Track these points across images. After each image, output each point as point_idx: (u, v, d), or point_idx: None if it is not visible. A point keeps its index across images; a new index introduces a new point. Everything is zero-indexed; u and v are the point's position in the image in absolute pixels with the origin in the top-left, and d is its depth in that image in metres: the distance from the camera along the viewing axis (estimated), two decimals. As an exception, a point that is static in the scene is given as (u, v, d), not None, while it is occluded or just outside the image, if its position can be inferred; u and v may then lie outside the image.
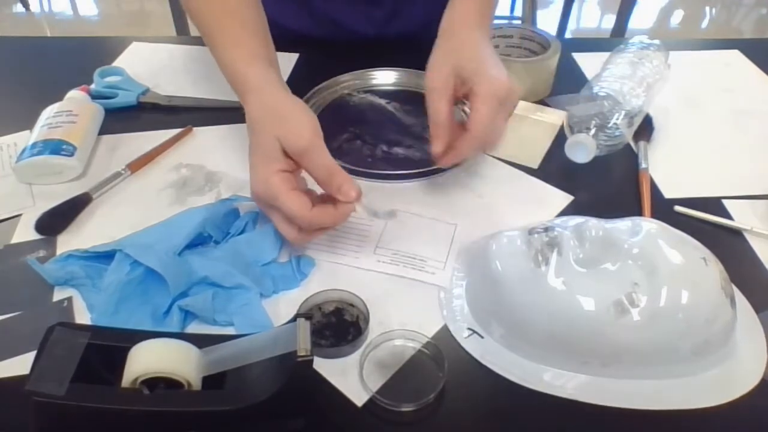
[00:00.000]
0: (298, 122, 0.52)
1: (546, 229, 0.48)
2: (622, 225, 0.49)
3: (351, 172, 0.66)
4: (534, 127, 0.76)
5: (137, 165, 0.67)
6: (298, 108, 0.54)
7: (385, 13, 0.91)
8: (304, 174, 0.54)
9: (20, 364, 0.47)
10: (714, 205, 0.64)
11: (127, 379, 0.38)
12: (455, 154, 0.58)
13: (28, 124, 0.70)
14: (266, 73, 0.57)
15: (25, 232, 0.59)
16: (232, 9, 0.61)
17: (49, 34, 2.88)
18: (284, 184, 0.50)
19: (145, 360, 0.38)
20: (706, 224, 0.62)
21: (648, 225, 0.48)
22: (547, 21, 2.81)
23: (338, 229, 0.58)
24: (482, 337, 0.50)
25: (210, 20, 0.61)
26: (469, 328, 0.51)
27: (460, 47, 0.60)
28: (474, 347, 0.50)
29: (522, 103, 0.79)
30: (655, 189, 0.66)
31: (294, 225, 0.52)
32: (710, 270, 0.47)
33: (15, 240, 0.59)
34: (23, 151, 0.64)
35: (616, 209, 0.61)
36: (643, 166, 0.68)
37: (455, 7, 0.65)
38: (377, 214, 0.53)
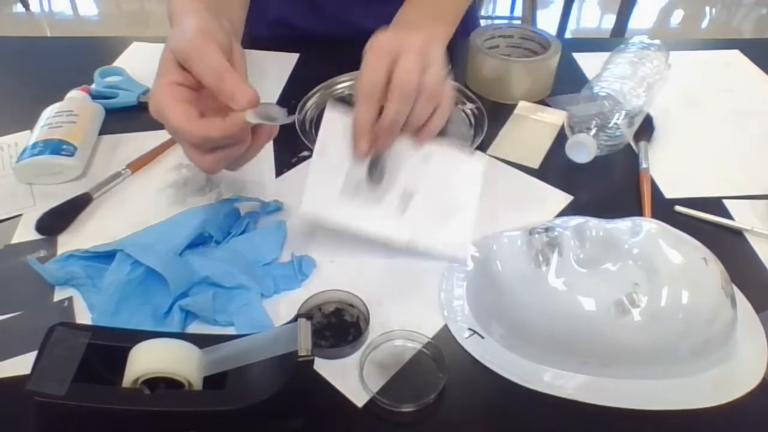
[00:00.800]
0: (189, 26, 0.47)
1: (546, 230, 0.48)
2: (623, 225, 0.49)
3: (351, 172, 0.66)
4: (534, 127, 0.76)
5: (137, 165, 0.67)
6: (200, 20, 0.48)
7: (396, 10, 0.91)
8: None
9: (20, 364, 0.47)
10: (714, 205, 0.64)
11: (127, 379, 0.38)
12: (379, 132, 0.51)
13: (29, 124, 0.70)
14: (195, 8, 0.52)
15: (25, 232, 0.59)
16: None
17: (49, 34, 2.88)
18: (170, 97, 0.45)
19: (146, 360, 0.38)
20: (706, 224, 0.62)
21: (648, 225, 0.48)
22: (547, 21, 2.81)
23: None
24: (482, 338, 0.50)
25: None
26: (470, 329, 0.51)
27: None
28: (474, 347, 0.50)
29: (522, 103, 0.79)
30: (655, 189, 0.66)
31: (198, 148, 0.47)
32: (710, 270, 0.47)
33: (15, 240, 0.59)
34: (24, 151, 0.64)
35: (617, 209, 0.61)
36: (644, 166, 0.68)
37: (403, 7, 0.61)
38: (275, 120, 0.47)
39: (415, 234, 0.55)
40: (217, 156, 0.47)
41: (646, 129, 0.73)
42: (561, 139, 0.71)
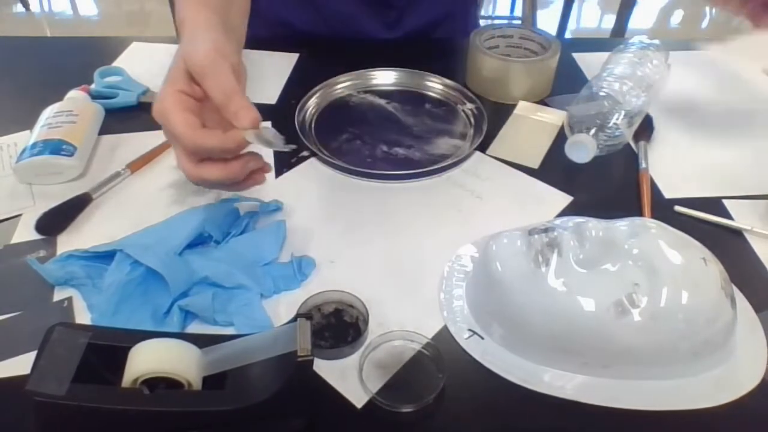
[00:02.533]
0: (205, 42, 0.49)
1: (546, 230, 0.48)
2: (622, 225, 0.49)
3: (351, 172, 0.67)
4: (534, 127, 0.76)
5: (137, 165, 0.67)
6: (214, 35, 0.50)
7: (397, 12, 0.91)
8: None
9: (20, 364, 0.47)
10: (714, 205, 0.64)
11: (127, 379, 0.38)
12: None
13: (28, 124, 0.70)
14: (205, 16, 0.53)
15: (25, 232, 0.59)
16: None
17: (49, 34, 2.88)
18: (177, 104, 0.47)
19: (146, 360, 0.38)
20: (706, 224, 0.62)
21: (648, 225, 0.48)
22: (547, 21, 2.81)
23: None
24: (482, 338, 0.50)
25: None
26: (470, 329, 0.51)
27: None
28: (474, 348, 0.50)
29: (522, 103, 0.79)
30: (655, 189, 0.66)
31: (190, 155, 0.48)
32: (710, 270, 0.47)
33: (15, 240, 0.59)
34: (23, 151, 0.64)
35: (616, 209, 0.61)
36: (643, 166, 0.68)
37: None
38: (272, 144, 0.48)
39: None
40: (207, 168, 0.49)
41: (645, 129, 0.73)
42: (561, 139, 0.71)
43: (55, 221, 0.60)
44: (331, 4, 0.89)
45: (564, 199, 0.65)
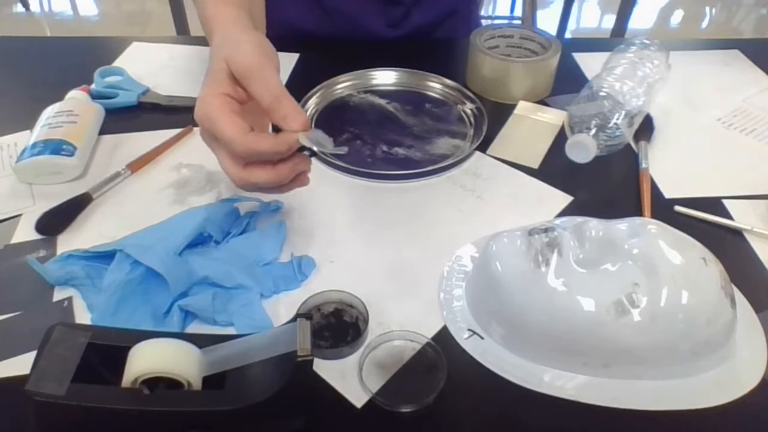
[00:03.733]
0: (249, 44, 0.48)
1: (546, 230, 0.48)
2: (622, 225, 0.49)
3: (351, 172, 0.67)
4: (534, 127, 0.76)
5: (137, 165, 0.67)
6: (254, 35, 0.50)
7: (404, 9, 0.91)
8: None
9: (20, 364, 0.47)
10: (714, 205, 0.64)
11: (127, 379, 0.38)
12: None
13: (29, 124, 0.70)
14: (233, 12, 0.54)
15: (25, 232, 0.59)
16: None
17: (49, 34, 2.88)
18: (223, 106, 0.47)
19: (146, 360, 0.38)
20: (706, 224, 0.62)
21: (648, 225, 0.48)
22: (547, 21, 2.81)
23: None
24: (482, 338, 0.50)
25: None
26: (469, 329, 0.51)
27: None
28: (474, 348, 0.50)
29: (522, 103, 0.79)
30: (655, 189, 0.66)
31: (235, 157, 0.48)
32: (710, 270, 0.47)
33: (15, 240, 0.59)
34: (23, 151, 0.64)
35: (616, 209, 0.61)
36: (644, 166, 0.68)
37: None
38: (324, 147, 0.48)
39: None
40: (255, 172, 0.48)
41: (646, 129, 0.73)
42: (561, 139, 0.71)
43: (55, 221, 0.60)
44: (336, 2, 0.89)
45: (564, 199, 0.65)
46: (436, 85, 0.81)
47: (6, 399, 0.45)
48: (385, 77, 0.82)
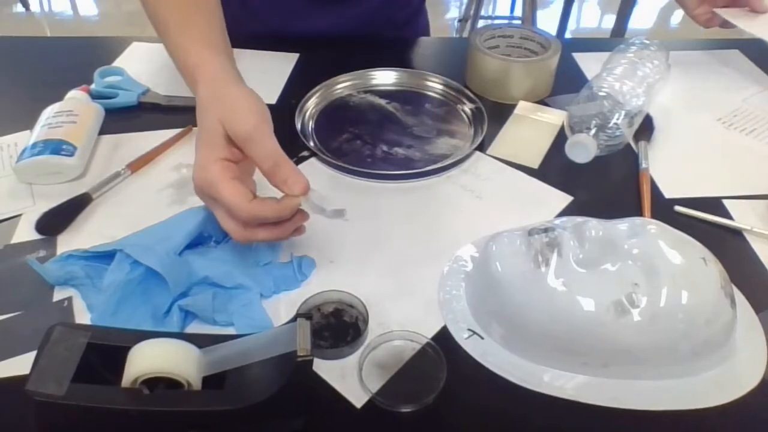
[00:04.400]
0: (245, 107, 0.49)
1: (546, 230, 0.48)
2: (622, 225, 0.49)
3: (351, 172, 0.67)
4: (534, 127, 0.76)
5: (137, 165, 0.67)
6: (247, 94, 0.51)
7: (400, 10, 0.91)
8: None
9: (20, 364, 0.47)
10: (714, 205, 0.64)
11: (127, 379, 0.38)
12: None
13: (29, 124, 0.70)
14: (220, 61, 0.54)
15: (25, 232, 0.59)
16: None
17: (49, 34, 2.89)
18: (224, 173, 0.47)
19: (145, 360, 0.38)
20: (706, 224, 0.62)
21: (648, 225, 0.48)
22: (547, 21, 2.81)
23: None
24: (482, 338, 0.50)
25: (164, 7, 0.58)
26: (469, 329, 0.51)
27: None
28: (474, 348, 0.50)
29: (522, 103, 0.79)
30: (655, 189, 0.66)
31: (237, 219, 0.48)
32: (710, 270, 0.46)
33: (15, 240, 0.59)
34: (24, 151, 0.64)
35: (616, 209, 0.61)
36: (644, 166, 0.68)
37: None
38: (324, 212, 0.50)
39: None
40: (259, 232, 0.49)
41: (646, 129, 0.73)
42: (561, 139, 0.71)
43: (55, 221, 0.60)
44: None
45: (564, 199, 0.65)
46: (436, 85, 0.81)
47: (6, 399, 0.45)
48: (385, 77, 0.82)
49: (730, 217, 0.62)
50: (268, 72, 0.84)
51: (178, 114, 0.76)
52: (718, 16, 0.80)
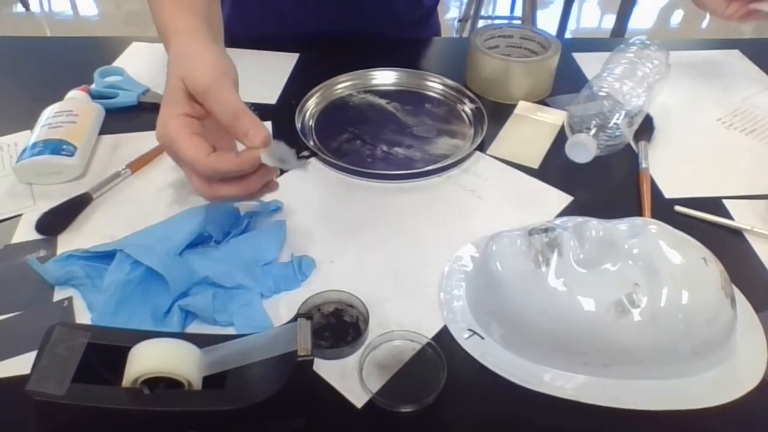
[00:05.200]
0: (206, 63, 0.48)
1: (546, 230, 0.48)
2: (622, 225, 0.49)
3: (351, 172, 0.67)
4: (534, 127, 0.76)
5: (137, 165, 0.67)
6: (212, 51, 0.50)
7: (400, 9, 0.91)
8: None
9: (20, 364, 0.47)
10: (714, 205, 0.64)
11: (127, 379, 0.38)
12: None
13: (29, 124, 0.70)
14: (195, 24, 0.53)
15: (25, 232, 0.59)
16: None
17: (49, 34, 2.88)
18: (183, 128, 0.47)
19: (146, 360, 0.38)
20: (706, 224, 0.62)
21: (648, 225, 0.48)
22: (547, 21, 2.81)
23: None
24: (482, 338, 0.50)
25: None
26: (470, 329, 0.51)
27: None
28: (474, 348, 0.50)
29: (522, 103, 0.79)
30: (655, 189, 0.66)
31: (199, 176, 0.48)
32: (710, 270, 0.47)
33: (15, 240, 0.59)
34: (24, 151, 0.64)
35: (616, 209, 0.61)
36: (644, 166, 0.68)
37: None
38: (287, 164, 0.48)
39: None
40: (223, 188, 0.49)
41: (646, 129, 0.73)
42: (561, 139, 0.71)
43: (55, 221, 0.60)
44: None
45: (564, 199, 0.65)
46: (436, 85, 0.81)
47: (6, 399, 0.45)
48: (385, 77, 0.82)
49: (730, 217, 0.62)
50: (268, 72, 0.84)
51: (178, 114, 0.76)
52: (760, 12, 0.76)
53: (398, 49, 0.85)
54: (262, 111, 0.77)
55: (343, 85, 0.81)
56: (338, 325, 0.51)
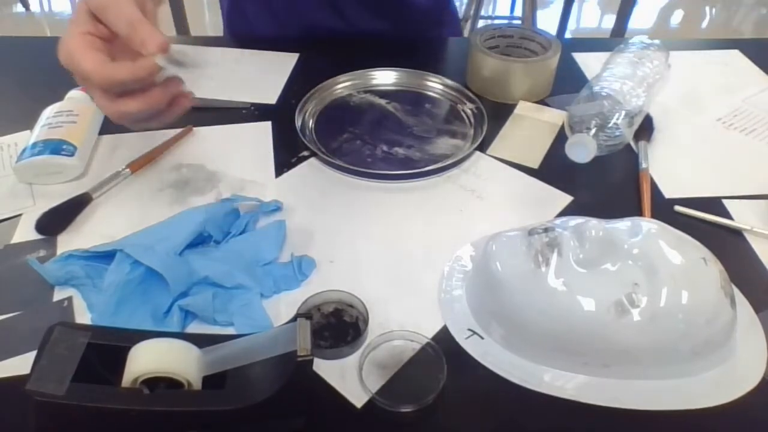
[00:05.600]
0: None
1: (546, 230, 0.48)
2: (622, 225, 0.49)
3: (351, 172, 0.67)
4: (534, 127, 0.76)
5: (137, 165, 0.67)
6: None
7: (400, 10, 0.90)
8: None
9: (20, 364, 0.47)
10: (714, 205, 0.64)
11: (127, 379, 0.38)
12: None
13: (29, 124, 0.70)
14: None
15: (25, 232, 0.59)
16: None
17: (49, 34, 2.88)
18: (83, 44, 0.47)
19: (146, 360, 0.38)
20: (706, 224, 0.62)
21: (648, 225, 0.48)
22: (547, 21, 2.81)
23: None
24: (482, 338, 0.50)
25: None
26: (469, 329, 0.51)
27: None
28: (474, 348, 0.50)
29: (522, 103, 0.79)
30: (655, 189, 0.66)
31: (101, 91, 0.47)
32: (710, 270, 0.47)
33: (15, 240, 0.59)
34: (24, 151, 0.64)
35: (616, 209, 0.61)
36: (644, 166, 0.68)
37: None
38: (184, 65, 0.48)
39: None
40: (125, 102, 0.48)
41: (646, 129, 0.73)
42: (561, 139, 0.71)
43: (55, 221, 0.60)
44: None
45: (564, 199, 0.65)
46: (436, 85, 0.81)
47: (6, 399, 0.45)
48: (385, 77, 0.82)
49: (730, 217, 0.62)
50: (268, 72, 0.84)
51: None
52: None
53: (398, 49, 0.85)
54: (262, 111, 0.77)
55: (343, 85, 0.81)
56: (338, 325, 0.51)
